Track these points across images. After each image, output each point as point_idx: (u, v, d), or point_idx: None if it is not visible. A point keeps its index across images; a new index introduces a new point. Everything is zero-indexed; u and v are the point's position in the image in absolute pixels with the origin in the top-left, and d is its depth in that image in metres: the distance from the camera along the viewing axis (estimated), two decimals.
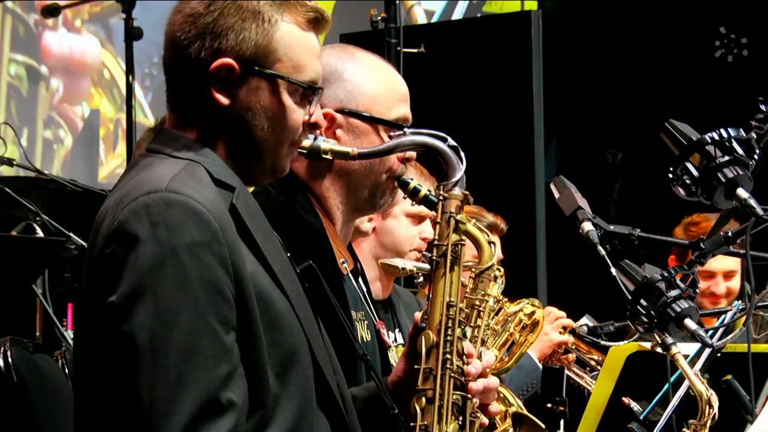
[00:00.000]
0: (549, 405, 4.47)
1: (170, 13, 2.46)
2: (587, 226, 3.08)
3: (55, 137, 7.07)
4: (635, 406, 3.30)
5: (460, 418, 2.56)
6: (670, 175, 3.02)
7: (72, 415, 2.42)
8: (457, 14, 9.20)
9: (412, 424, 2.55)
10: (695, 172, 2.99)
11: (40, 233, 4.75)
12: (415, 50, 5.91)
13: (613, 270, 2.97)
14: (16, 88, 6.89)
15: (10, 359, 3.01)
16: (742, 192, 2.96)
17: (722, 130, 3.00)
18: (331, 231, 2.97)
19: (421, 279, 4.48)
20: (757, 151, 3.02)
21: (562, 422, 4.44)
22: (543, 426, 3.73)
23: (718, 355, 3.22)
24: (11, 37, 6.80)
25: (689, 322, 2.87)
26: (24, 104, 6.93)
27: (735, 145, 2.98)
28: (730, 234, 3.04)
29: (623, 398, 3.32)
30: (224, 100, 2.41)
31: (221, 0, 2.40)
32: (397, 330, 3.53)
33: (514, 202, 6.54)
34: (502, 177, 6.67)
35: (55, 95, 7.05)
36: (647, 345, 3.23)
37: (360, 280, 3.09)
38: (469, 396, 2.56)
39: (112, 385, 2.24)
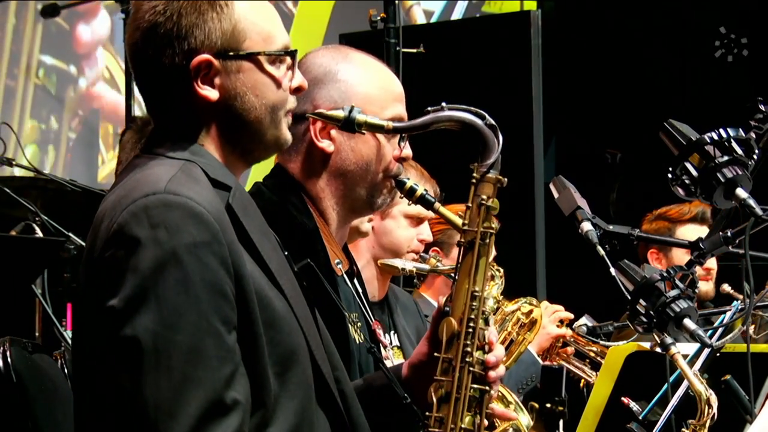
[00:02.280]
0: (548, 405, 4.47)
1: (127, 33, 2.45)
2: (586, 226, 3.08)
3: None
4: (634, 406, 3.29)
5: (476, 409, 2.54)
6: (670, 175, 3.02)
7: (71, 415, 2.42)
8: (456, 14, 9.20)
9: (427, 413, 2.54)
10: (694, 172, 2.99)
11: (39, 233, 4.74)
12: (415, 50, 5.91)
13: (612, 270, 2.97)
14: (47, 89, 6.93)
15: (9, 359, 3.01)
16: (741, 192, 2.96)
17: (721, 130, 3.00)
18: (325, 232, 2.96)
19: (418, 280, 4.48)
20: (756, 151, 3.02)
21: (561, 422, 4.44)
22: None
23: (717, 355, 3.22)
24: (42, 38, 6.82)
25: (688, 322, 2.87)
26: (53, 105, 6.97)
27: (734, 145, 2.99)
28: (729, 234, 3.04)
29: (622, 398, 3.32)
30: (212, 96, 2.41)
31: (173, 1, 2.40)
32: (392, 332, 3.52)
33: (513, 202, 6.53)
34: (502, 176, 6.66)
35: (83, 92, 7.10)
36: (646, 345, 3.23)
37: (355, 281, 3.08)
38: (487, 389, 2.55)
39: (116, 388, 2.24)
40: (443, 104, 2.66)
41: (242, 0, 2.43)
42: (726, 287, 5.59)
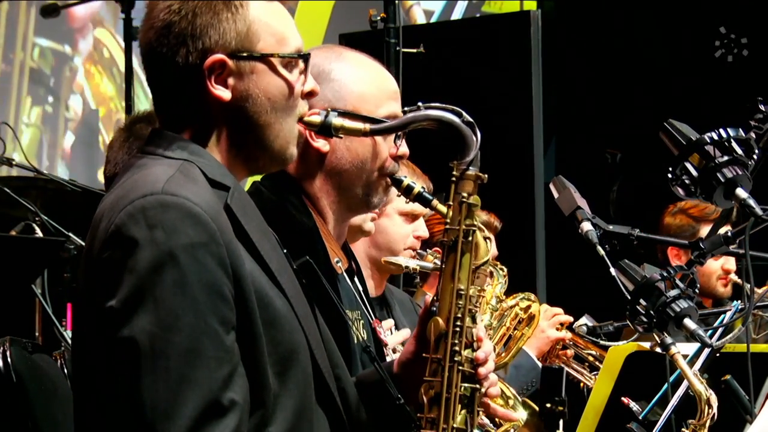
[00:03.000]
0: (548, 405, 4.47)
1: (140, 32, 2.45)
2: (586, 225, 3.08)
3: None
4: (634, 406, 3.29)
5: (468, 407, 2.54)
6: (670, 175, 3.02)
7: (71, 415, 2.42)
8: (456, 14, 9.20)
9: (419, 414, 2.54)
10: (694, 172, 2.99)
11: (39, 233, 4.74)
12: (415, 50, 5.91)
13: (612, 270, 2.97)
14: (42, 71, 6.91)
15: (9, 359, 3.01)
16: (741, 192, 2.96)
17: (721, 130, 3.00)
18: (324, 230, 2.96)
19: (419, 279, 4.47)
20: (756, 151, 3.02)
21: (561, 422, 4.44)
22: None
23: (717, 355, 3.22)
24: (36, 20, 6.79)
25: (688, 322, 2.88)
26: (49, 90, 6.97)
27: (734, 145, 2.99)
28: (729, 234, 3.04)
29: (622, 398, 3.32)
30: (225, 96, 2.40)
31: (188, 1, 2.40)
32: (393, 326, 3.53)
33: (513, 202, 6.54)
34: (502, 176, 6.67)
35: (77, 75, 7.09)
36: (646, 345, 3.23)
37: (356, 279, 3.08)
38: (478, 387, 2.55)
39: (114, 389, 2.24)
40: (419, 104, 2.64)
41: (256, 1, 2.43)
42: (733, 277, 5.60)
